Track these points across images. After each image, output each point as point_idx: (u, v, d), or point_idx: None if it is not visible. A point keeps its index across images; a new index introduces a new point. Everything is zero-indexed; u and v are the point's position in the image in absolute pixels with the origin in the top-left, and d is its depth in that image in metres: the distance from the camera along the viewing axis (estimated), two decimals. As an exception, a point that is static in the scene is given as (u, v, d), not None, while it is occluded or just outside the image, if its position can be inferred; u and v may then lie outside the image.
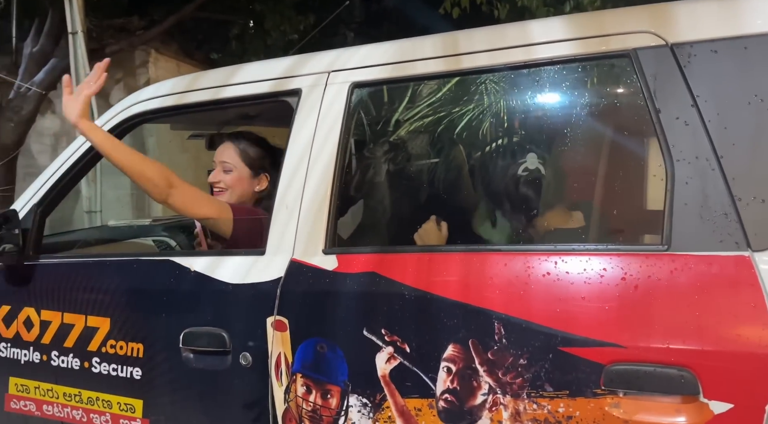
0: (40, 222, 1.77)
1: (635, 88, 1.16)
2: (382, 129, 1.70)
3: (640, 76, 1.15)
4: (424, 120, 1.62)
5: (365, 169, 1.75)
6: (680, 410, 1.00)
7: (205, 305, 1.48)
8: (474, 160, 1.79)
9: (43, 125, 6.97)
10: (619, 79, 1.22)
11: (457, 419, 1.18)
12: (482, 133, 1.62)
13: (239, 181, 1.85)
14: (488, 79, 1.41)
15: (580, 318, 1.08)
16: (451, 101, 1.51)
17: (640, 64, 1.15)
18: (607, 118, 1.37)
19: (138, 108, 1.74)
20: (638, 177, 1.30)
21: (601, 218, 1.38)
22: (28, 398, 1.74)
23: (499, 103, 1.50)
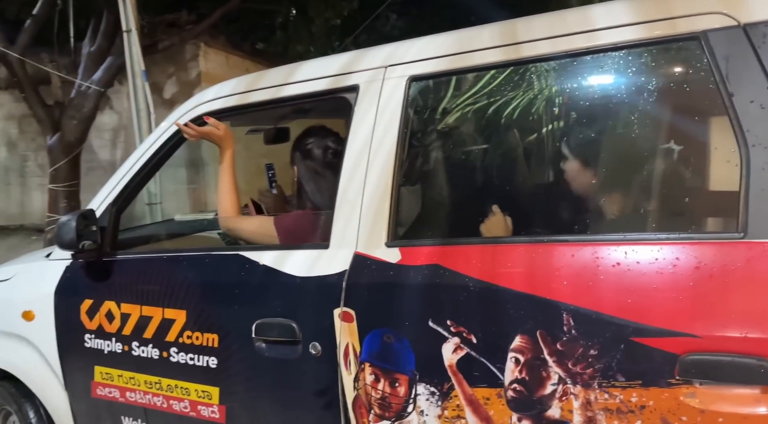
0: (115, 220, 1.88)
1: (706, 72, 1.13)
2: (441, 121, 1.70)
3: (711, 59, 1.11)
4: (483, 111, 1.62)
5: (425, 161, 1.76)
6: (760, 400, 0.99)
7: (274, 297, 1.54)
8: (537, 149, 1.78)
9: (102, 121, 7.27)
10: (688, 63, 1.19)
11: (527, 408, 1.20)
12: (543, 122, 1.61)
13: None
14: (549, 68, 1.39)
15: (653, 308, 1.07)
16: (510, 91, 1.50)
17: (710, 46, 1.12)
18: (677, 105, 1.33)
19: (202, 109, 1.81)
20: (710, 164, 1.26)
21: (671, 205, 1.35)
22: (112, 385, 1.86)
23: (561, 92, 1.48)
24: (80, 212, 1.81)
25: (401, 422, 1.37)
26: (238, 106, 1.74)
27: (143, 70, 5.35)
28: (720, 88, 1.10)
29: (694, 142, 1.27)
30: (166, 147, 1.85)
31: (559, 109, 1.56)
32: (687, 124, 1.28)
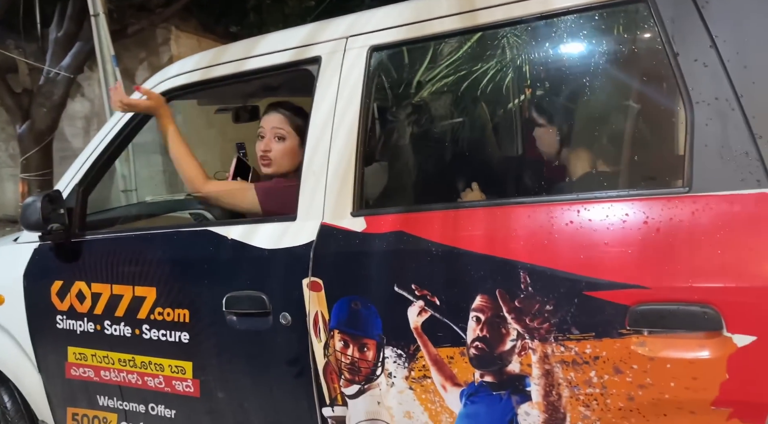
0: (83, 200, 1.87)
1: (654, 34, 1.16)
2: (403, 91, 1.72)
3: (658, 20, 1.14)
4: (444, 79, 1.64)
5: (388, 131, 1.78)
6: (704, 345, 1.04)
7: (243, 270, 1.56)
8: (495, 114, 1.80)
9: (74, 109, 7.15)
10: (637, 25, 1.22)
11: (488, 365, 1.24)
12: (502, 87, 1.63)
13: (290, 151, 1.81)
14: (505, 34, 1.42)
15: (604, 263, 1.11)
16: (470, 58, 1.52)
17: (657, 8, 1.15)
18: (626, 66, 1.36)
19: (165, 85, 1.80)
20: (658, 122, 1.30)
21: (623, 164, 1.39)
22: (86, 365, 1.86)
23: (518, 57, 1.50)
24: (46, 193, 1.80)
25: (370, 385, 1.40)
26: (201, 81, 1.73)
27: (113, 55, 5.26)
28: (666, 48, 1.13)
29: (643, 102, 1.31)
30: (130, 125, 1.83)
31: (516, 74, 1.58)
32: (637, 85, 1.31)
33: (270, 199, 1.76)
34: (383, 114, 1.71)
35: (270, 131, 1.83)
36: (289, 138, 1.82)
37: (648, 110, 1.30)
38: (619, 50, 1.35)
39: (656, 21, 1.15)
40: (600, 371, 1.12)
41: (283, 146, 1.82)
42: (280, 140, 1.82)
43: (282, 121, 1.83)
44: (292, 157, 1.82)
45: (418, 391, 1.34)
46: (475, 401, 1.28)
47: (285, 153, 1.82)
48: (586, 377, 1.14)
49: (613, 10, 1.23)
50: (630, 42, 1.30)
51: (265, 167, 1.84)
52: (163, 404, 1.76)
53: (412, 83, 1.68)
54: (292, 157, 1.82)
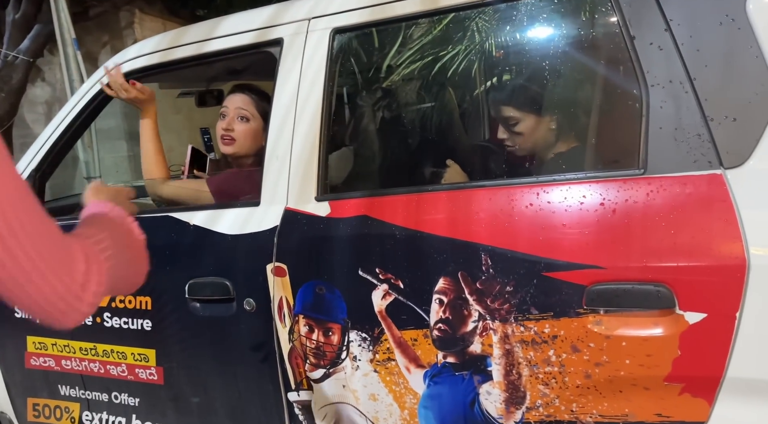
0: (39, 187, 1.82)
1: (612, 17, 1.17)
2: (367, 74, 1.71)
3: (615, 4, 1.16)
4: (407, 63, 1.63)
5: (352, 115, 1.77)
6: (657, 323, 1.06)
7: (206, 256, 1.54)
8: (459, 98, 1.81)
9: (34, 94, 6.91)
10: (594, 8, 1.23)
11: (451, 346, 1.25)
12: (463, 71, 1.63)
13: (253, 133, 1.80)
14: (467, 17, 1.41)
15: (562, 244, 1.13)
16: (433, 42, 1.51)
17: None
18: (585, 49, 1.38)
19: (124, 68, 1.75)
20: (616, 105, 1.32)
21: (583, 146, 1.41)
22: (46, 354, 1.83)
23: (479, 40, 1.50)
24: (1, 179, 1.74)
25: (335, 369, 1.41)
26: (162, 63, 1.69)
27: (74, 38, 5.10)
28: (623, 31, 1.14)
29: (601, 84, 1.32)
30: (89, 109, 1.79)
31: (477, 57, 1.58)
32: (595, 68, 1.33)
33: (222, 190, 1.75)
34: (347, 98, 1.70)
35: (234, 111, 1.81)
36: (253, 120, 1.81)
37: (606, 93, 1.32)
38: (578, 33, 1.36)
39: (613, 4, 1.16)
40: (558, 349, 1.14)
41: (247, 127, 1.80)
42: (244, 121, 1.80)
43: (247, 102, 1.81)
44: (254, 140, 1.81)
45: (383, 373, 1.35)
46: (439, 382, 1.29)
47: (248, 134, 1.80)
48: (545, 356, 1.16)
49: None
50: (589, 25, 1.32)
51: (226, 146, 1.82)
52: (127, 393, 1.73)
53: (376, 66, 1.67)
54: (254, 140, 1.81)
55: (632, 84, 1.13)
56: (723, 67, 1.06)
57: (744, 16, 1.05)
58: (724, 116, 1.05)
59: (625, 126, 1.21)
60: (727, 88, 1.06)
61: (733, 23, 1.06)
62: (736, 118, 1.04)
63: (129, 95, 1.75)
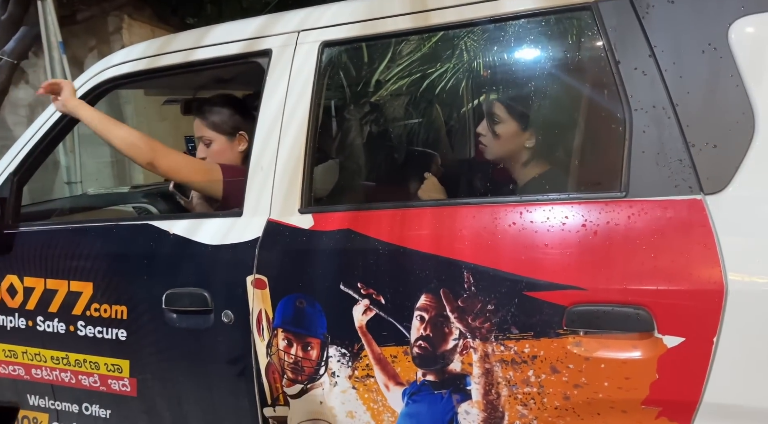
0: (17, 191, 1.78)
1: (597, 41, 1.19)
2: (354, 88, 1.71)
3: (601, 28, 1.17)
4: (396, 79, 1.64)
5: (339, 129, 1.77)
6: (636, 346, 1.07)
7: (185, 266, 1.52)
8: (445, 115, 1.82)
9: (17, 96, 6.82)
10: (581, 32, 1.25)
11: (431, 364, 1.24)
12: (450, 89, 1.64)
13: (221, 151, 1.85)
14: (456, 36, 1.43)
15: (544, 264, 1.13)
16: (421, 59, 1.52)
17: (601, 16, 1.18)
18: (570, 72, 1.40)
19: (109, 73, 1.73)
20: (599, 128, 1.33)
21: (566, 168, 1.42)
22: (16, 362, 1.78)
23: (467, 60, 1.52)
24: (-23, 182, 1.71)
25: (313, 384, 1.39)
26: (147, 70, 1.68)
27: (60, 41, 5.06)
28: (608, 55, 1.16)
29: (586, 107, 1.34)
30: (70, 114, 1.76)
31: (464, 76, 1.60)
32: (580, 92, 1.34)
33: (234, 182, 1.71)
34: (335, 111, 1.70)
35: (198, 141, 1.87)
36: (214, 141, 1.86)
37: (590, 116, 1.34)
38: (564, 57, 1.38)
39: (600, 29, 1.18)
40: (538, 370, 1.14)
41: (212, 151, 1.85)
42: (208, 146, 1.86)
43: (200, 127, 1.87)
44: (225, 153, 1.85)
45: (361, 390, 1.33)
46: (417, 400, 1.28)
47: (217, 155, 1.84)
48: (524, 377, 1.15)
49: (559, 16, 1.26)
50: (575, 49, 1.34)
51: None
52: (98, 404, 1.69)
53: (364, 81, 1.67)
54: (225, 153, 1.85)
55: (616, 108, 1.15)
56: (705, 94, 1.08)
57: (726, 46, 1.07)
58: (705, 142, 1.06)
59: (609, 149, 1.22)
60: (709, 115, 1.08)
61: (716, 52, 1.08)
62: (717, 144, 1.06)
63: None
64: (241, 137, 1.87)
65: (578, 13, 1.23)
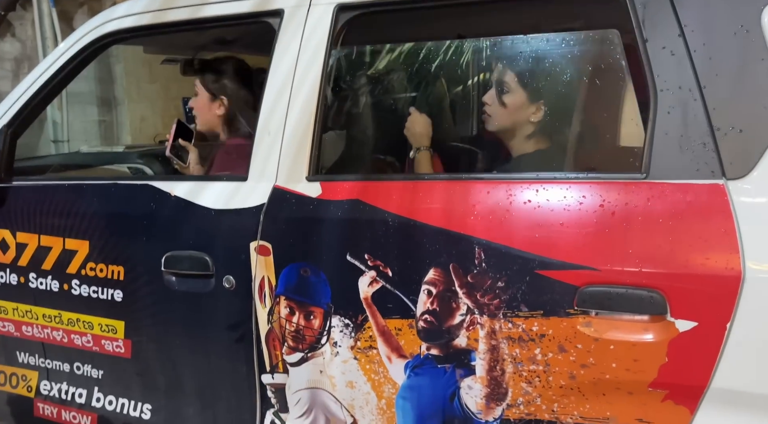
0: (11, 144, 1.72)
1: (624, 18, 1.15)
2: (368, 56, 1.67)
3: (630, 4, 1.14)
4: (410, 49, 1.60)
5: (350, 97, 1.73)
6: (648, 328, 1.06)
7: (186, 229, 1.48)
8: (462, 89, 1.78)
9: (3, 49, 6.60)
10: (608, 8, 1.21)
11: (436, 338, 1.24)
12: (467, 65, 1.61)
13: (200, 106, 1.94)
14: (476, 10, 1.38)
15: (558, 243, 1.12)
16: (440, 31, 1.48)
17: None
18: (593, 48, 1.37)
19: (110, 26, 1.66)
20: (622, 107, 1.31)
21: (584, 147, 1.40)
22: (6, 319, 1.74)
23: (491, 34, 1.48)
24: (-31, 133, 1.65)
25: (314, 353, 1.38)
26: (151, 25, 1.61)
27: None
28: (636, 33, 1.13)
29: (609, 85, 1.31)
30: (68, 68, 1.69)
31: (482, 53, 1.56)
32: (602, 67, 1.32)
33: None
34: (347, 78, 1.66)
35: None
36: (199, 94, 1.93)
37: (611, 94, 1.31)
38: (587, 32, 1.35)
39: (629, 5, 1.14)
40: (545, 348, 1.14)
41: (195, 102, 1.94)
42: (195, 97, 1.95)
43: (197, 80, 1.95)
44: (203, 110, 1.93)
45: (363, 361, 1.32)
46: (420, 373, 1.27)
47: (197, 107, 1.94)
48: (530, 354, 1.15)
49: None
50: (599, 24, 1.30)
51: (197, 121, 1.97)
52: (90, 364, 1.67)
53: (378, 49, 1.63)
54: (203, 110, 1.93)
55: (641, 87, 1.12)
56: (734, 77, 1.06)
57: (758, 28, 1.04)
58: (730, 127, 1.05)
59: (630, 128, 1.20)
60: (737, 99, 1.06)
61: (748, 34, 1.05)
62: (743, 129, 1.04)
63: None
64: (219, 103, 1.92)
65: (606, -12, 1.19)
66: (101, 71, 5.99)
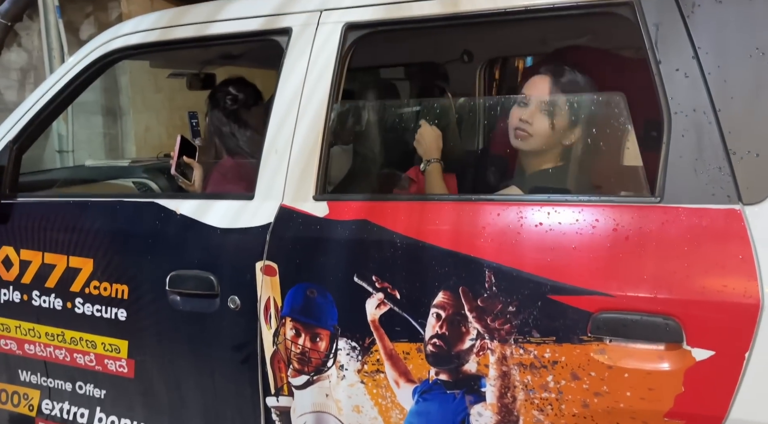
0: (16, 159, 1.71)
1: (637, 39, 1.14)
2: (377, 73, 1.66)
3: (642, 25, 1.13)
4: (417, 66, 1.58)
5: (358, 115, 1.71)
6: (663, 357, 1.04)
7: (192, 248, 1.47)
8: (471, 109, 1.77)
9: (9, 59, 6.64)
10: (619, 28, 1.20)
11: (445, 362, 1.21)
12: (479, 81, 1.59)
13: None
14: (485, 23, 1.37)
15: (571, 268, 1.10)
16: (446, 48, 1.47)
17: (642, 12, 1.13)
18: (608, 70, 1.35)
19: (117, 43, 1.66)
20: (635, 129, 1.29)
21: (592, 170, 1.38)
22: (8, 337, 1.73)
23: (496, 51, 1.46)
24: (-26, 148, 1.64)
25: (320, 376, 1.35)
26: (158, 42, 1.61)
27: (57, 5, 4.93)
28: (649, 54, 1.11)
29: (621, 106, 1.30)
30: (75, 83, 1.69)
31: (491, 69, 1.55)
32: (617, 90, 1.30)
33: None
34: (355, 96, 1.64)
35: None
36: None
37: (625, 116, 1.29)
38: (601, 53, 1.33)
39: (641, 26, 1.13)
40: (557, 376, 1.11)
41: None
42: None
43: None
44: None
45: (370, 385, 1.30)
46: (428, 398, 1.25)
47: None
48: (542, 382, 1.13)
49: (597, 10, 1.21)
50: (612, 46, 1.29)
51: None
52: (93, 383, 1.65)
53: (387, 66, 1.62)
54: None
55: (654, 109, 1.10)
56: (750, 100, 1.04)
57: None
58: (747, 151, 1.03)
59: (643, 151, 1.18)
60: (753, 123, 1.04)
61: (763, 56, 1.04)
62: (760, 153, 1.02)
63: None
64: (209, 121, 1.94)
65: (617, 8, 1.18)
66: (107, 82, 6.02)
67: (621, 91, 1.28)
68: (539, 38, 1.60)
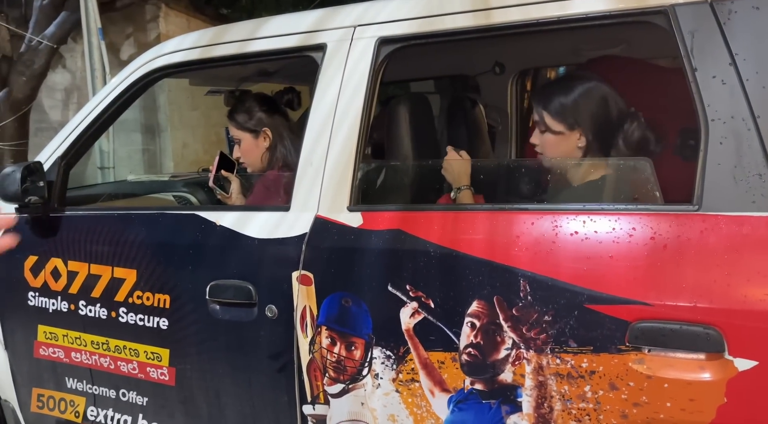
0: (64, 175, 1.79)
1: (672, 47, 1.14)
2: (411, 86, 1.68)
3: (678, 33, 1.12)
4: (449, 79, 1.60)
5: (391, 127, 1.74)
6: (704, 367, 1.02)
7: (231, 259, 1.51)
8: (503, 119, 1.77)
9: (54, 80, 6.93)
10: (654, 36, 1.20)
11: (480, 372, 1.21)
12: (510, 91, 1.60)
13: (248, 149, 1.96)
14: (520, 36, 1.38)
15: (608, 276, 1.09)
16: (478, 60, 1.48)
17: (677, 20, 1.13)
18: (643, 77, 1.35)
19: (160, 61, 1.73)
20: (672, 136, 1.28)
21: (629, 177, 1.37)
22: (56, 345, 1.79)
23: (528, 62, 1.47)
24: (27, 163, 1.72)
25: (355, 385, 1.37)
26: (200, 59, 1.67)
27: (99, 27, 5.12)
28: (684, 62, 1.11)
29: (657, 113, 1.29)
30: (119, 101, 1.76)
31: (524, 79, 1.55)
32: (652, 97, 1.29)
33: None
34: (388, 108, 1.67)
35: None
36: (242, 139, 1.95)
37: (662, 123, 1.29)
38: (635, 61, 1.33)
39: (676, 34, 1.13)
40: (595, 386, 1.10)
41: (242, 149, 1.96)
42: (239, 145, 1.97)
43: (231, 128, 1.98)
44: (251, 152, 1.96)
45: (405, 394, 1.31)
46: (464, 408, 1.25)
47: (246, 154, 1.96)
48: (580, 392, 1.12)
49: (631, 19, 1.21)
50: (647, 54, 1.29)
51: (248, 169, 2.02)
52: (135, 391, 1.70)
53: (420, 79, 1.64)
54: (251, 152, 1.96)
55: (691, 117, 1.10)
56: (790, 107, 1.03)
57: (815, 57, 1.01)
58: (788, 158, 1.01)
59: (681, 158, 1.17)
60: (793, 129, 1.02)
61: (803, 63, 1.02)
62: (801, 160, 1.01)
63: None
64: (264, 134, 1.94)
65: (652, 17, 1.18)
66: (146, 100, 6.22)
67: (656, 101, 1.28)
68: (571, 48, 1.62)
